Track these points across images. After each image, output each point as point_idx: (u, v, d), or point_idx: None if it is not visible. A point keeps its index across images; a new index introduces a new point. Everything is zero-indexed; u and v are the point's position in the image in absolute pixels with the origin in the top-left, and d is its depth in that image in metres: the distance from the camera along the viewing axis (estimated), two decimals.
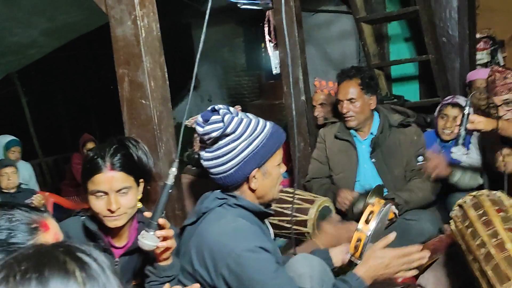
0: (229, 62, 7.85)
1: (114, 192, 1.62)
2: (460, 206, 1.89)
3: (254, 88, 7.81)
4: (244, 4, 3.01)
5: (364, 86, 2.78)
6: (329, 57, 6.29)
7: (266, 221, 1.83)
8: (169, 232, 1.50)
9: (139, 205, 1.75)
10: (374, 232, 1.77)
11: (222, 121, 1.60)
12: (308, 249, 1.93)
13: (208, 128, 1.60)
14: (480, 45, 5.55)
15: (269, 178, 1.68)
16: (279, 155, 1.69)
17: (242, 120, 1.62)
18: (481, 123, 2.34)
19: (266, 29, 3.31)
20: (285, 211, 2.41)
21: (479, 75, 3.90)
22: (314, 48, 6.32)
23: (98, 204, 1.64)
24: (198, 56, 1.59)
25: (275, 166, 1.68)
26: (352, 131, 2.89)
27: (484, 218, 1.72)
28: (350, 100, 2.78)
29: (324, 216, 2.50)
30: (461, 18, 4.47)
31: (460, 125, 2.36)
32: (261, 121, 1.67)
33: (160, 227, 1.49)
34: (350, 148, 2.88)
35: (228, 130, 1.59)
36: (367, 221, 1.79)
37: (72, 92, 9.03)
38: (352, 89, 2.78)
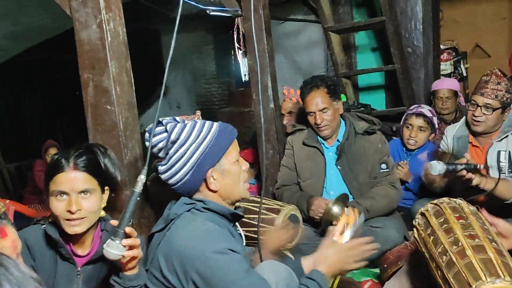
0: (199, 69, 7.81)
1: (75, 193, 1.60)
2: (422, 214, 1.92)
3: (223, 95, 7.80)
4: (214, 11, 3.01)
5: (331, 93, 2.80)
6: (298, 66, 6.34)
7: (239, 228, 1.82)
8: (136, 241, 1.48)
9: (103, 213, 1.72)
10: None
11: (166, 130, 1.61)
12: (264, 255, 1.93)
13: (154, 140, 1.61)
14: (444, 56, 5.72)
15: (230, 176, 1.68)
16: (234, 152, 1.70)
17: (185, 125, 1.63)
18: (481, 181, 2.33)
19: (235, 37, 3.31)
20: (252, 222, 2.40)
21: (443, 85, 4.00)
22: (283, 56, 6.36)
23: (58, 206, 1.60)
24: (168, 62, 1.58)
25: (233, 163, 1.69)
26: (319, 137, 2.91)
27: (445, 226, 1.75)
28: (322, 110, 2.79)
29: (292, 224, 2.49)
30: (425, 30, 4.59)
31: (461, 165, 2.32)
32: (207, 122, 1.68)
33: (127, 236, 1.46)
34: (318, 154, 2.90)
35: (172, 137, 1.60)
36: (342, 233, 1.80)
37: (36, 97, 8.82)
38: (321, 99, 2.78)
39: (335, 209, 2.58)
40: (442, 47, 5.59)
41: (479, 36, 7.07)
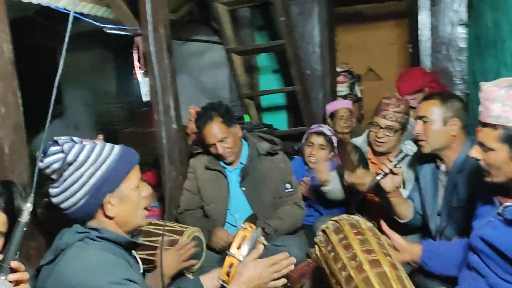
0: (98, 88, 7.51)
1: None
2: (323, 231, 1.97)
3: (125, 115, 7.55)
4: (111, 29, 2.92)
5: (227, 120, 2.79)
6: (202, 86, 6.34)
7: (134, 253, 1.73)
8: (24, 275, 1.35)
9: None
10: (246, 257, 1.77)
11: (62, 151, 1.50)
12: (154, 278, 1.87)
13: (48, 160, 1.49)
14: (340, 78, 6.04)
15: (129, 203, 1.60)
16: (135, 177, 1.62)
17: (84, 147, 1.53)
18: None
19: (135, 56, 3.23)
20: (154, 245, 2.31)
21: (342, 105, 4.13)
22: (187, 77, 6.32)
23: None
24: (56, 81, 1.48)
25: (133, 189, 1.61)
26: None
27: (344, 242, 1.81)
28: (222, 140, 2.78)
29: (195, 246, 2.44)
30: (323, 53, 4.81)
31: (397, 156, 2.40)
32: (108, 145, 1.60)
33: (13, 271, 1.33)
34: (221, 177, 2.88)
35: (69, 158, 1.49)
36: (239, 247, 1.79)
37: None
38: (218, 129, 2.76)
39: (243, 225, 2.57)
40: (338, 69, 5.90)
41: (371, 60, 7.57)
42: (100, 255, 1.49)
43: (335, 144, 3.48)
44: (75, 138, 1.58)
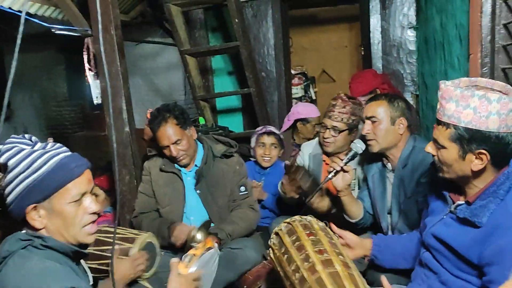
0: (49, 91, 7.29)
1: None
2: (277, 233, 1.98)
3: (77, 118, 7.37)
4: (60, 30, 2.83)
5: (181, 122, 2.75)
6: (157, 88, 6.26)
7: (83, 263, 1.67)
8: None
9: None
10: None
11: None
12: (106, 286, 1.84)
13: None
14: (295, 80, 6.10)
15: (60, 218, 1.49)
16: (73, 191, 1.50)
17: (19, 151, 1.46)
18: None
19: (85, 57, 3.15)
20: (105, 254, 2.24)
21: (316, 113, 4.05)
22: (140, 79, 6.23)
23: None
24: (9, 83, 1.42)
25: (69, 204, 1.49)
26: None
27: (297, 243, 1.82)
28: (175, 142, 2.74)
29: (148, 253, 2.40)
30: (277, 55, 4.84)
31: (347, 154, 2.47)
32: (48, 153, 1.49)
33: None
34: (176, 180, 2.84)
35: (1, 160, 1.45)
36: (186, 266, 1.78)
37: None
38: (173, 131, 2.71)
39: (199, 236, 2.56)
40: (293, 72, 5.95)
41: (324, 62, 7.69)
42: (44, 263, 1.42)
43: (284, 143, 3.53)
44: (27, 136, 1.52)
